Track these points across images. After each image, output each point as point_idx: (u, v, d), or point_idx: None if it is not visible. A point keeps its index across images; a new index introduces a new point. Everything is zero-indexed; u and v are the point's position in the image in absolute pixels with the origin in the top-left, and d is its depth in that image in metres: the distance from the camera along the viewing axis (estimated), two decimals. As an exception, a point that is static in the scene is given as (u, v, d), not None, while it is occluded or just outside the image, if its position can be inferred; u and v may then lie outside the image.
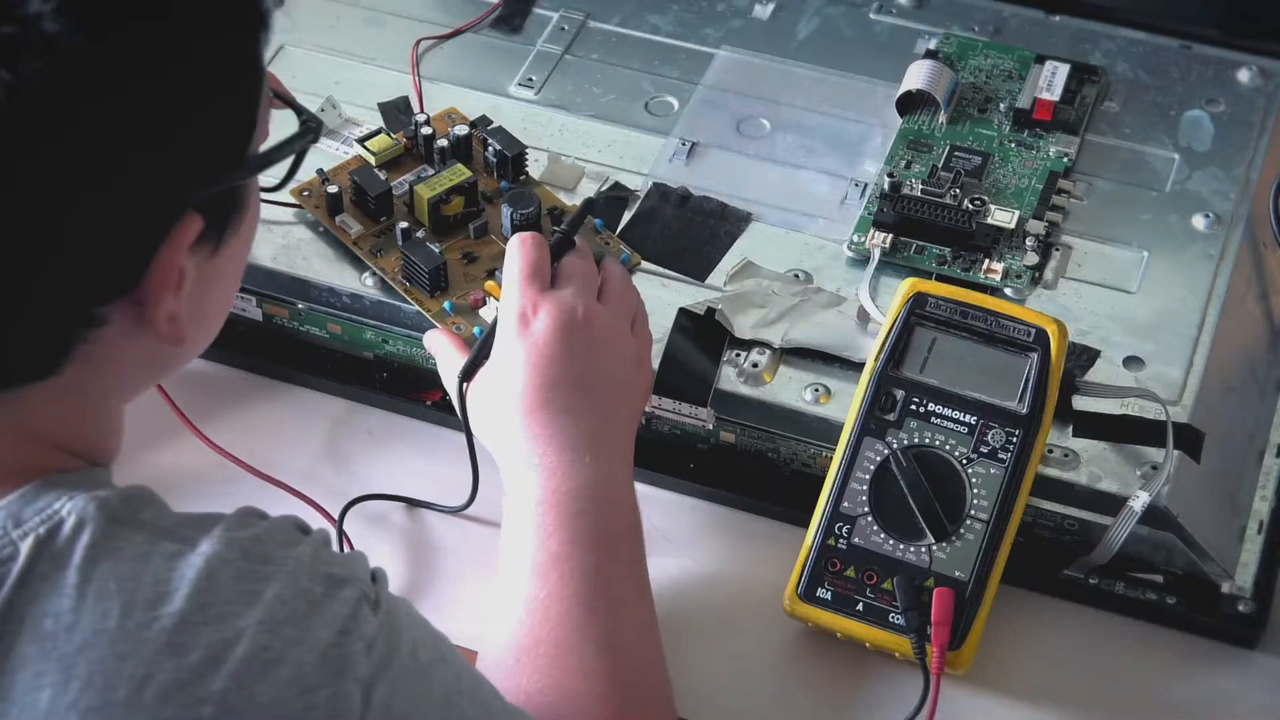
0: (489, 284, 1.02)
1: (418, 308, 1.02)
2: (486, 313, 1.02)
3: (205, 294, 0.75)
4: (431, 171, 1.07)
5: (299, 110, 0.80)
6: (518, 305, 0.94)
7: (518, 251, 0.96)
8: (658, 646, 0.89)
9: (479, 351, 0.95)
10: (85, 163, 0.67)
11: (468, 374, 0.95)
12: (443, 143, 1.09)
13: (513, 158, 1.08)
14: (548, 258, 0.96)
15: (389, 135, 1.10)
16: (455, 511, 1.00)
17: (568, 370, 0.92)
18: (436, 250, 1.03)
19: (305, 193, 1.08)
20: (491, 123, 1.11)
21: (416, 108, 1.15)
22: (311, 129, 0.79)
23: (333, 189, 1.06)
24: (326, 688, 0.68)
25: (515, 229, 1.04)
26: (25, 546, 0.67)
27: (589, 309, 0.94)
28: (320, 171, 1.08)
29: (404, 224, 1.05)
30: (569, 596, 0.86)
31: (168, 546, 0.68)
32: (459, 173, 1.06)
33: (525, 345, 0.92)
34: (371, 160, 1.09)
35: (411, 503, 1.01)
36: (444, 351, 0.98)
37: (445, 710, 0.73)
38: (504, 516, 0.90)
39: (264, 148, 0.75)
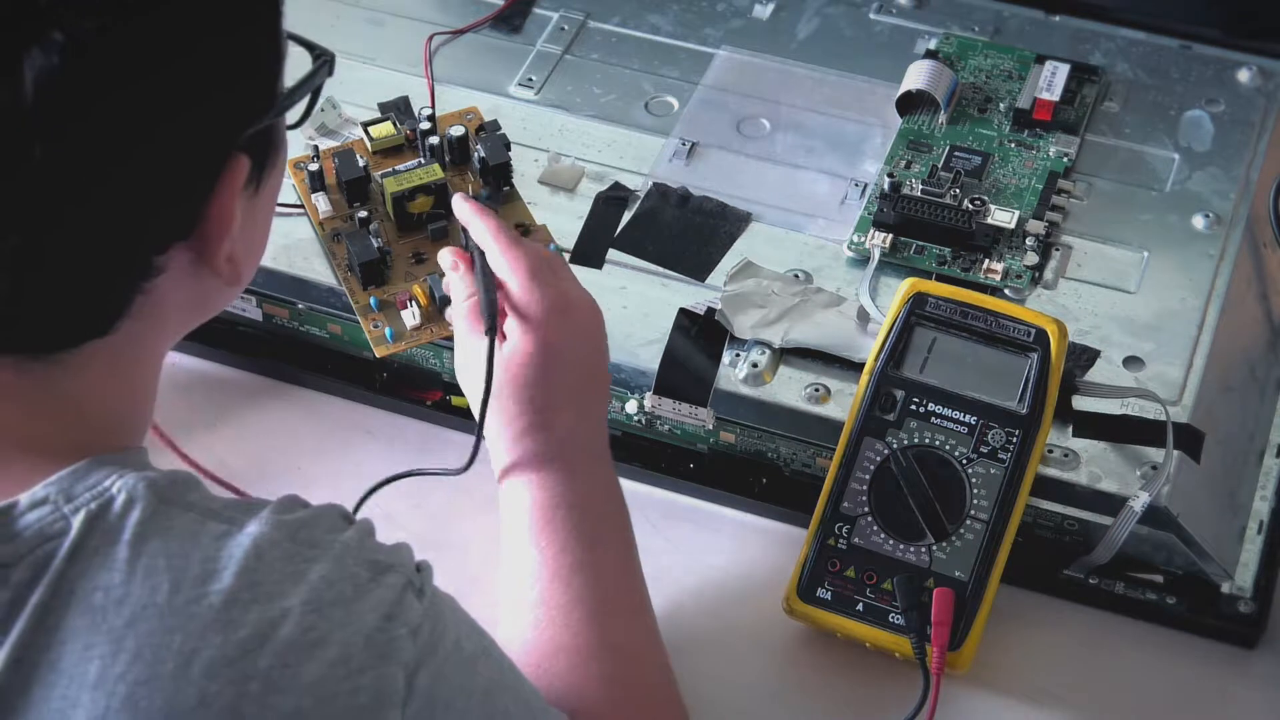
0: (416, 287, 1.02)
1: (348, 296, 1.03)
2: (408, 316, 1.02)
3: (250, 233, 0.77)
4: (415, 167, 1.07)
5: (311, 46, 0.81)
6: (546, 303, 0.90)
7: (522, 251, 0.92)
8: (662, 646, 0.90)
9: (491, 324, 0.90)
10: (136, 111, 0.69)
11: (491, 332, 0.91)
12: (434, 140, 1.09)
13: (494, 166, 1.08)
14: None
15: (394, 125, 1.10)
16: (456, 473, 0.95)
17: (564, 378, 0.90)
18: (375, 244, 1.03)
19: (298, 165, 1.08)
20: (499, 128, 1.11)
21: (428, 103, 1.15)
22: (326, 60, 0.80)
23: (313, 167, 1.07)
24: (372, 669, 0.68)
25: (469, 240, 1.04)
26: (77, 521, 0.68)
27: (579, 298, 0.92)
28: (315, 149, 1.08)
29: (364, 213, 1.05)
30: (586, 601, 0.87)
31: (216, 527, 0.69)
32: (431, 173, 1.06)
33: (545, 350, 0.90)
34: (368, 145, 1.09)
35: (411, 475, 0.98)
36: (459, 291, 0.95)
37: (487, 703, 0.73)
38: (503, 526, 0.90)
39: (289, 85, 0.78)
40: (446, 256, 0.95)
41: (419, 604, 0.71)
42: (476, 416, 0.91)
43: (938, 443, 0.94)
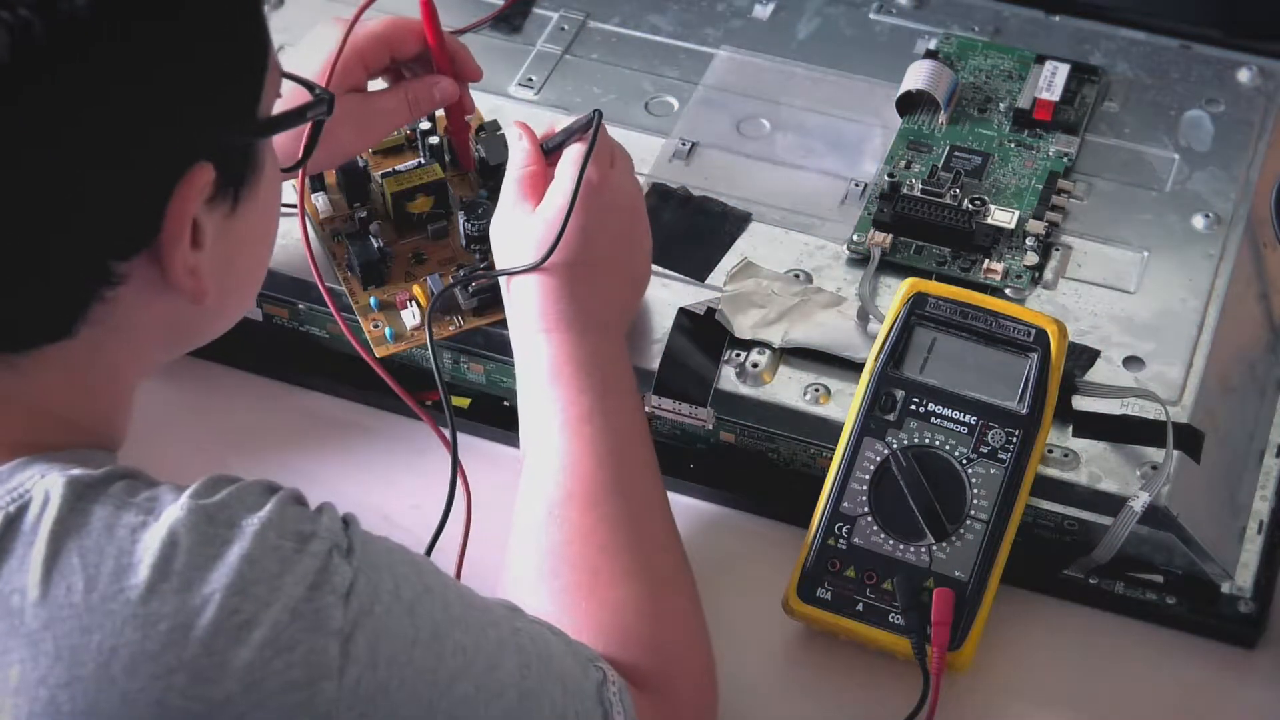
0: (415, 287, 1.03)
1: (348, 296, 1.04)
2: (408, 316, 1.02)
3: (229, 256, 0.76)
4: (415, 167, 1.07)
5: (309, 85, 0.81)
6: (591, 178, 0.96)
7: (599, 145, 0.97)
8: (671, 518, 0.93)
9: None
10: (82, 113, 0.68)
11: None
12: (434, 140, 1.09)
13: (494, 166, 1.08)
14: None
15: None
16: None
17: (604, 248, 0.96)
18: (375, 245, 1.03)
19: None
20: (499, 128, 1.11)
21: None
22: (323, 100, 0.80)
23: None
24: (302, 644, 0.67)
25: (468, 239, 1.04)
26: None
27: (621, 186, 0.98)
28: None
29: (363, 213, 1.05)
30: (601, 453, 0.90)
31: (132, 518, 0.68)
32: (431, 172, 1.06)
33: (591, 213, 0.95)
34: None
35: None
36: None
37: (435, 644, 0.72)
38: (519, 384, 0.94)
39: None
40: (515, 128, 1.00)
41: (348, 565, 0.70)
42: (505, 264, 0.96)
43: (938, 443, 0.94)
